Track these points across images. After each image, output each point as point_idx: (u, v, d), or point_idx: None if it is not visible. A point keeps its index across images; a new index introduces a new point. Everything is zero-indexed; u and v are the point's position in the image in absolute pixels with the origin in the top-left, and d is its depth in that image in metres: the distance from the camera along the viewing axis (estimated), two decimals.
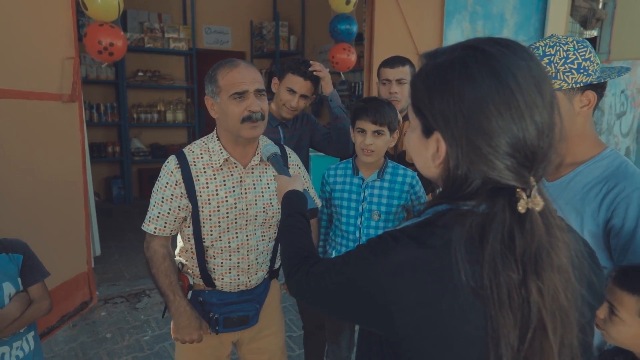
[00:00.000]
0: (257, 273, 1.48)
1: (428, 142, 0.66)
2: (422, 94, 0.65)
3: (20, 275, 1.50)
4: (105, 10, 2.54)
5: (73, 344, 2.62)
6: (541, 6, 4.90)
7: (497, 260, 0.59)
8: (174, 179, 1.35)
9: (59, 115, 2.66)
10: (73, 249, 2.83)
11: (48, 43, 2.54)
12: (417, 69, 0.71)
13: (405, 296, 0.62)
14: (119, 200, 5.65)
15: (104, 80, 5.40)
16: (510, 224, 0.60)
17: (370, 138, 1.59)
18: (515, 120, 0.58)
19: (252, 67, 1.36)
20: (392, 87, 2.02)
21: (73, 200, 2.81)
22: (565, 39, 1.12)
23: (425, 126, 0.66)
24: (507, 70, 0.59)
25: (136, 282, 3.38)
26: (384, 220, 1.65)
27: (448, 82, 0.60)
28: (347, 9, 3.52)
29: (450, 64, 0.62)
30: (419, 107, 0.66)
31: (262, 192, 1.43)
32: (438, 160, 0.65)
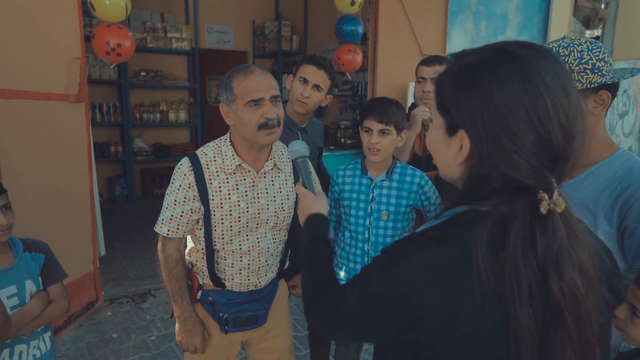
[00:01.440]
0: (267, 274, 1.49)
1: (451, 140, 0.67)
2: (449, 92, 0.66)
3: (41, 275, 1.53)
4: (113, 11, 2.55)
5: (80, 344, 2.63)
6: (544, 6, 4.91)
7: (519, 259, 0.59)
8: (186, 182, 1.35)
9: (66, 115, 2.66)
10: (79, 249, 2.84)
11: (55, 43, 2.54)
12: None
13: (430, 298, 0.62)
14: (122, 200, 5.65)
15: (107, 80, 5.40)
16: (531, 224, 0.60)
17: (376, 137, 1.59)
18: (542, 121, 0.59)
19: (267, 73, 1.35)
20: (426, 86, 1.98)
21: (79, 200, 2.82)
22: (579, 40, 1.12)
23: (449, 124, 0.67)
24: (536, 72, 0.60)
25: (141, 282, 3.39)
26: (392, 220, 1.65)
27: (477, 81, 0.62)
28: (353, 10, 3.52)
29: (479, 64, 0.63)
30: (444, 105, 0.67)
31: (274, 197, 1.44)
32: (460, 158, 0.66)
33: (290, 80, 1.97)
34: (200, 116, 6.15)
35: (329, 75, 1.89)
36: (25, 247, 1.53)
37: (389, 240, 1.67)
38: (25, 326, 1.43)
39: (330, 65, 1.91)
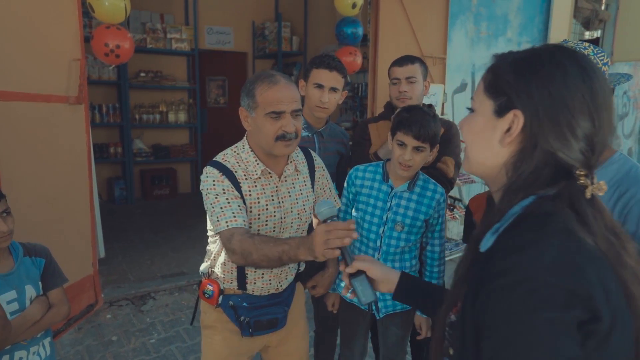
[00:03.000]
0: (287, 277, 1.50)
1: (498, 122, 0.71)
2: (506, 74, 0.70)
3: (41, 279, 1.52)
4: (112, 12, 2.54)
5: (79, 347, 2.61)
6: (544, 7, 4.91)
7: (603, 231, 0.65)
8: (221, 187, 1.31)
9: (66, 117, 2.65)
10: (79, 252, 2.82)
11: (54, 45, 2.53)
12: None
13: (593, 288, 0.59)
14: (121, 201, 5.64)
15: (106, 80, 5.39)
16: (585, 207, 0.65)
17: (409, 154, 1.50)
18: (596, 109, 0.66)
19: (291, 85, 1.34)
20: (401, 86, 1.95)
21: (79, 202, 2.81)
22: (583, 44, 1.13)
23: (500, 105, 0.71)
24: (590, 66, 0.68)
25: (141, 284, 3.37)
26: (406, 232, 1.61)
27: (539, 65, 0.68)
28: (353, 12, 3.51)
29: (539, 53, 0.70)
30: (499, 87, 0.71)
31: (297, 199, 1.44)
32: (509, 138, 0.69)
33: (302, 86, 1.93)
34: (200, 117, 6.14)
35: (341, 74, 1.87)
36: (25, 251, 1.52)
37: (399, 250, 1.63)
38: (25, 332, 1.42)
39: (339, 62, 1.89)
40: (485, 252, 0.67)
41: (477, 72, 4.56)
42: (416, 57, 2.01)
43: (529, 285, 0.57)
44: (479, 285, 0.63)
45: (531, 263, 0.59)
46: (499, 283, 0.60)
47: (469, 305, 0.66)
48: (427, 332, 1.67)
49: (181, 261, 3.89)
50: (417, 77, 1.96)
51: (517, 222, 0.66)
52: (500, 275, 0.60)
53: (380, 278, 1.05)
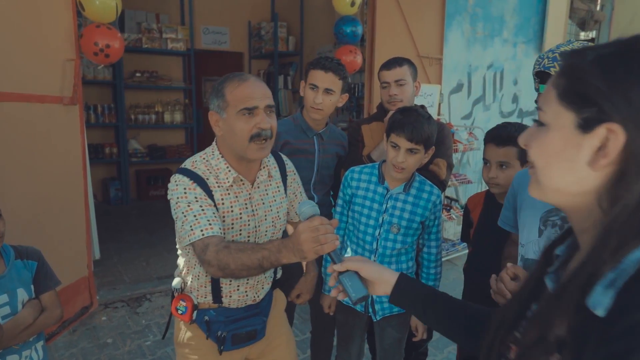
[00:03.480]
0: (264, 287, 1.44)
1: (585, 138, 0.57)
2: (593, 77, 0.56)
3: (33, 283, 1.50)
4: (103, 11, 2.51)
5: (74, 350, 2.59)
6: (540, 8, 4.92)
7: None
8: (193, 195, 1.24)
9: (60, 118, 2.63)
10: (74, 253, 2.80)
11: (48, 45, 2.50)
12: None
13: None
14: (117, 201, 5.61)
15: (101, 80, 5.35)
16: None
17: (402, 155, 1.50)
18: None
19: (262, 82, 1.29)
20: (391, 90, 1.94)
21: (74, 203, 2.78)
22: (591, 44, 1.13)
23: (586, 118, 0.56)
24: None
25: (136, 286, 3.35)
26: (402, 235, 1.60)
27: (638, 63, 0.54)
28: (352, 11, 3.50)
29: (633, 47, 0.56)
30: (582, 94, 0.57)
31: (270, 206, 1.39)
32: (605, 159, 0.55)
33: (302, 87, 1.92)
34: (195, 117, 6.12)
35: (338, 75, 1.83)
36: (16, 254, 1.50)
37: (396, 252, 1.62)
38: (17, 336, 1.40)
39: (338, 64, 1.85)
40: (606, 318, 0.51)
41: (474, 72, 4.56)
42: (404, 59, 1.99)
43: None
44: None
45: None
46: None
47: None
48: (423, 334, 1.66)
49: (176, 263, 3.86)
50: (406, 79, 1.95)
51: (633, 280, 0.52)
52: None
53: (374, 278, 0.94)
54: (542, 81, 1.13)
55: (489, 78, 4.72)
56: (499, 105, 4.87)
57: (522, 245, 1.23)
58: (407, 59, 2.02)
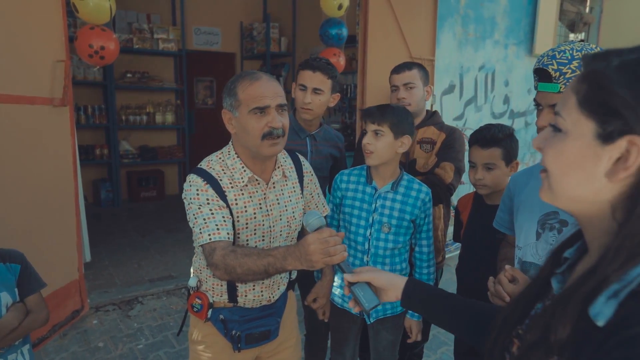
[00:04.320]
0: (279, 287, 1.45)
1: (605, 149, 0.55)
2: (619, 87, 0.54)
3: (17, 286, 1.47)
4: (97, 13, 2.48)
5: (64, 354, 2.56)
6: (531, 10, 4.97)
7: None
8: (204, 196, 1.26)
9: (50, 119, 2.59)
10: (64, 257, 2.77)
11: (39, 46, 2.47)
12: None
13: None
14: (107, 203, 5.55)
15: (92, 81, 5.30)
16: None
17: (368, 138, 1.55)
18: None
19: (274, 81, 1.30)
20: (399, 93, 1.96)
21: (64, 206, 2.75)
22: (589, 45, 1.14)
23: (608, 130, 0.55)
24: None
25: (128, 289, 3.32)
26: (394, 234, 1.61)
27: None
28: (339, 14, 3.51)
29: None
30: (606, 104, 0.55)
31: (285, 206, 1.40)
32: (625, 171, 0.54)
33: (293, 88, 1.93)
34: (187, 118, 6.08)
35: (326, 75, 1.83)
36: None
37: (389, 252, 1.63)
38: (2, 339, 1.37)
39: (327, 64, 1.85)
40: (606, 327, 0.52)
41: (465, 74, 4.59)
42: (415, 63, 2.00)
43: None
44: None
45: None
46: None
47: None
48: (418, 335, 1.66)
49: (169, 264, 3.84)
50: (415, 82, 1.95)
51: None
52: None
53: (385, 285, 0.97)
54: (541, 79, 1.14)
55: (481, 79, 4.75)
56: (491, 107, 4.90)
57: (520, 247, 1.23)
58: (418, 63, 2.04)
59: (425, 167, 1.94)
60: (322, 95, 1.84)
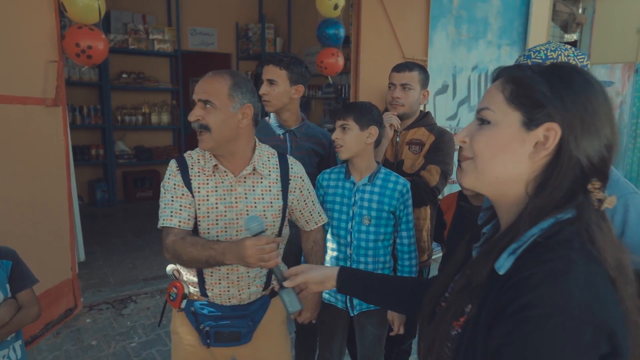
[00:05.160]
0: (250, 287, 1.43)
1: (529, 134, 0.69)
2: (539, 85, 0.69)
3: (8, 282, 1.49)
4: (85, 12, 2.49)
5: (57, 353, 2.57)
6: (524, 11, 5.00)
7: (612, 248, 0.66)
8: (172, 182, 1.37)
9: (43, 119, 2.61)
10: (57, 256, 2.78)
11: (31, 46, 2.49)
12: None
13: (615, 323, 0.60)
14: (103, 203, 5.56)
15: (87, 82, 5.32)
16: (598, 222, 0.67)
17: (336, 133, 1.65)
18: (613, 119, 0.70)
19: (214, 77, 1.33)
20: (395, 92, 1.97)
21: (57, 205, 2.77)
22: (564, 46, 1.16)
23: (530, 118, 0.69)
24: (601, 82, 0.73)
25: (122, 288, 3.34)
26: (374, 225, 1.66)
27: (573, 79, 0.69)
28: (335, 14, 3.53)
29: (568, 68, 0.71)
30: (530, 98, 0.69)
31: (255, 203, 1.40)
32: (544, 151, 0.68)
33: None
34: (183, 119, 6.10)
35: (278, 66, 1.86)
36: None
37: (372, 245, 1.67)
38: None
39: (282, 58, 1.87)
40: (504, 275, 0.66)
41: (458, 74, 4.62)
42: (417, 65, 2.01)
43: (559, 319, 0.58)
44: (500, 310, 0.63)
45: (562, 296, 0.59)
46: (527, 314, 0.59)
47: (483, 326, 0.65)
48: (400, 328, 1.69)
49: (164, 264, 3.82)
50: (412, 84, 1.97)
51: (536, 245, 0.66)
52: (529, 307, 0.60)
53: (322, 277, 1.09)
54: None
55: (474, 79, 4.78)
56: None
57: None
58: (420, 65, 2.04)
59: (412, 168, 1.96)
60: (277, 86, 1.87)
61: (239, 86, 1.34)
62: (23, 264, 1.55)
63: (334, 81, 5.28)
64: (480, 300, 0.69)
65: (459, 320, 0.73)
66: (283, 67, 1.87)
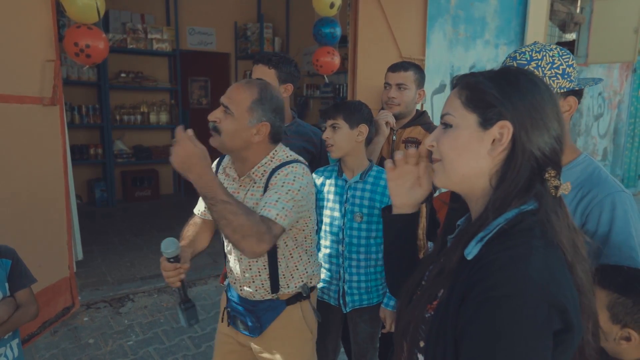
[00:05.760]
0: (249, 286, 1.44)
1: (485, 133, 0.76)
2: (490, 89, 0.77)
3: (7, 281, 1.50)
4: (84, 12, 2.50)
5: (54, 351, 2.59)
6: (521, 10, 5.01)
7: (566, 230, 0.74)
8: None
9: (40, 119, 2.62)
10: (54, 254, 2.79)
11: (28, 45, 2.50)
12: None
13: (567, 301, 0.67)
14: (102, 203, 5.57)
15: (86, 81, 5.32)
16: (554, 208, 0.74)
17: (326, 132, 1.67)
18: (558, 114, 0.78)
19: (243, 86, 1.33)
20: (391, 91, 1.98)
21: (54, 204, 2.78)
22: (549, 46, 1.16)
23: (485, 118, 0.76)
24: (546, 82, 0.83)
25: (119, 287, 3.35)
26: (366, 222, 1.67)
27: (518, 81, 0.77)
28: (331, 13, 3.54)
29: (510, 72, 0.80)
30: (482, 100, 0.77)
31: (253, 208, 1.35)
32: (500, 147, 0.75)
33: None
34: (182, 118, 6.11)
35: (267, 65, 1.87)
36: None
37: (364, 242, 1.68)
38: None
39: (271, 57, 1.88)
40: (472, 260, 0.73)
41: (456, 74, 4.63)
42: (412, 64, 2.01)
43: (519, 299, 0.64)
44: (467, 292, 0.69)
45: (521, 278, 0.65)
46: (490, 295, 0.66)
47: (453, 308, 0.71)
48: (392, 326, 1.69)
49: None
50: (408, 84, 1.96)
51: (501, 233, 0.73)
52: (492, 289, 0.66)
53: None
54: None
55: None
56: None
57: None
58: (415, 64, 2.04)
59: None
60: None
61: (262, 102, 1.32)
62: (22, 263, 1.57)
63: (332, 80, 5.29)
64: (450, 285, 0.75)
65: (432, 304, 0.79)
66: (272, 66, 1.87)
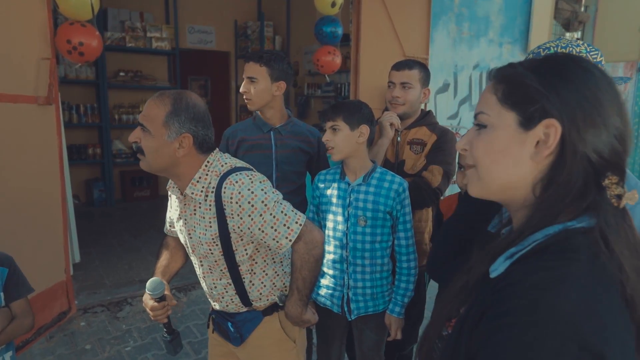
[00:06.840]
0: (221, 301, 1.42)
1: (528, 134, 0.64)
2: (532, 82, 0.64)
3: (3, 290, 1.44)
4: (77, 9, 2.44)
5: (50, 357, 2.52)
6: (525, 9, 4.94)
7: (636, 262, 0.60)
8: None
9: (35, 118, 2.56)
10: (50, 258, 2.73)
11: (22, 43, 2.43)
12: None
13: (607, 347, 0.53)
14: (100, 203, 5.51)
15: (84, 80, 5.26)
16: (615, 224, 0.61)
17: (326, 135, 1.60)
18: (620, 107, 0.64)
19: (155, 101, 1.21)
20: (395, 90, 1.92)
21: (50, 206, 2.71)
22: (577, 42, 1.11)
23: (527, 117, 0.64)
24: (604, 71, 0.67)
25: (118, 290, 3.28)
26: (370, 226, 1.60)
27: (567, 69, 0.64)
28: (333, 11, 3.48)
29: (559, 60, 0.66)
30: (524, 96, 0.65)
31: (194, 227, 1.31)
32: (546, 150, 0.63)
33: None
34: None
35: (258, 63, 1.81)
36: None
37: (368, 246, 1.61)
38: None
39: (262, 54, 1.83)
40: (496, 278, 0.62)
41: (460, 73, 4.57)
42: (417, 63, 1.96)
43: (539, 332, 0.52)
44: (487, 312, 0.59)
45: (545, 307, 0.53)
46: (506, 322, 0.55)
47: (469, 327, 0.62)
48: (397, 333, 1.63)
49: None
50: (412, 83, 1.91)
51: (537, 251, 0.61)
52: (510, 315, 0.55)
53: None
54: None
55: (475, 78, 4.72)
56: None
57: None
58: (420, 62, 1.98)
59: (414, 168, 1.90)
60: (258, 84, 1.83)
61: (177, 114, 1.19)
62: (19, 272, 1.50)
63: (333, 80, 5.23)
64: (470, 302, 0.66)
65: (451, 321, 0.72)
66: (263, 64, 1.81)
